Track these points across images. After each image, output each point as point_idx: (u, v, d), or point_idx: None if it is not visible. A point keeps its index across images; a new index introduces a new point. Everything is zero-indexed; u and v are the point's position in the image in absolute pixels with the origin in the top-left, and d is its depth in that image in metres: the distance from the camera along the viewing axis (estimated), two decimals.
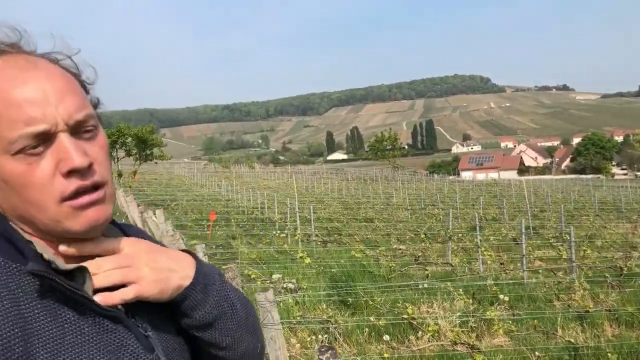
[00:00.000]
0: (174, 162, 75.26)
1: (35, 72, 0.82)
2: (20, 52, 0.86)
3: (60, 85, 0.84)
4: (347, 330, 6.45)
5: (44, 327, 0.79)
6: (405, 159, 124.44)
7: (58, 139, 0.81)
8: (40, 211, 0.82)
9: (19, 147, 0.79)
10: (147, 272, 0.90)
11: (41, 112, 0.80)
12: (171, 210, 19.19)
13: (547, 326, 6.91)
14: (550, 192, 30.50)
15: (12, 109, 0.79)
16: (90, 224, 0.84)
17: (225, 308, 0.99)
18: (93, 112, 0.87)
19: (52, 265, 0.81)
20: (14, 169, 0.80)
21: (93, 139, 0.87)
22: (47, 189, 0.81)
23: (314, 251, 12.13)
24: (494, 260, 10.67)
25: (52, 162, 0.81)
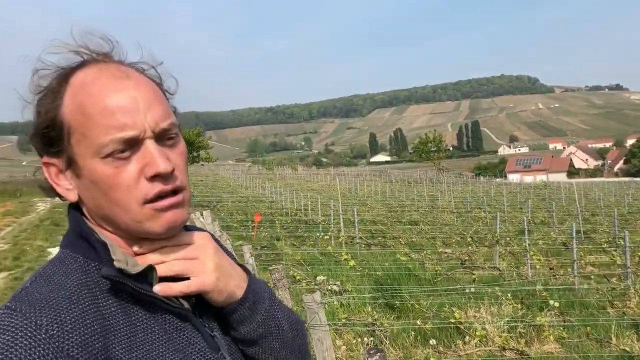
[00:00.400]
0: (219, 164, 76.52)
1: (128, 81, 0.87)
2: (112, 61, 0.91)
3: (149, 94, 0.88)
4: (392, 334, 6.41)
5: (119, 324, 0.83)
6: (450, 161, 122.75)
7: (144, 145, 0.86)
8: (124, 212, 0.87)
9: (108, 151, 0.84)
10: (212, 267, 0.94)
11: (131, 119, 0.84)
12: (217, 212, 19.52)
13: (601, 334, 6.68)
14: (602, 196, 29.44)
15: (106, 115, 0.84)
16: (170, 225, 0.88)
17: (271, 328, 1.01)
18: (176, 120, 0.92)
19: (124, 270, 0.85)
20: (103, 171, 0.85)
21: (175, 146, 0.91)
22: (132, 191, 0.85)
23: (358, 254, 12.11)
24: (543, 265, 10.39)
25: (138, 167, 0.85)
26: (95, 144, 0.84)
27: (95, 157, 0.85)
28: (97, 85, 0.86)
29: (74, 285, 0.83)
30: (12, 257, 12.35)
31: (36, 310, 0.77)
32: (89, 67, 0.88)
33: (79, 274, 0.85)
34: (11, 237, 15.97)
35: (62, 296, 0.80)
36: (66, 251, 0.90)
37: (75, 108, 0.85)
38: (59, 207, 25.81)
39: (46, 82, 0.89)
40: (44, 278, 0.84)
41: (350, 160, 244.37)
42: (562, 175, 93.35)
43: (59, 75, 0.88)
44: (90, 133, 0.84)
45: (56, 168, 0.90)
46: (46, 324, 0.75)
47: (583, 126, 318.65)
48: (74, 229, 0.92)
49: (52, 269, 0.86)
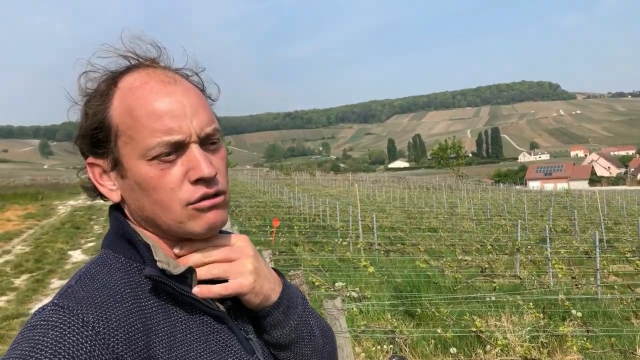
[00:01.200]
0: (237, 169, 76.96)
1: (175, 86, 0.89)
2: (159, 66, 0.93)
3: (195, 100, 0.91)
4: (412, 342, 6.35)
5: (160, 324, 0.85)
6: (469, 168, 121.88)
7: (190, 149, 0.88)
8: (166, 213, 0.89)
9: (155, 153, 0.86)
10: (250, 269, 0.95)
11: (178, 123, 0.87)
12: (235, 216, 19.58)
13: (625, 345, 6.55)
14: (625, 204, 29.00)
15: (154, 119, 0.86)
16: (210, 225, 0.90)
17: (303, 333, 1.02)
18: (219, 126, 0.94)
19: (166, 271, 0.87)
20: (148, 172, 0.87)
21: (217, 151, 0.93)
22: (176, 193, 0.87)
23: (377, 260, 12.05)
24: (565, 274, 10.22)
25: (183, 170, 0.88)
26: (142, 146, 0.86)
27: (141, 159, 0.87)
28: (145, 89, 0.88)
29: (118, 284, 0.85)
30: (33, 259, 12.51)
31: (83, 307, 0.78)
32: (138, 72, 0.91)
33: (121, 273, 0.87)
34: (33, 239, 16.19)
35: (107, 294, 0.82)
36: (108, 251, 0.92)
37: (124, 111, 0.88)
38: (79, 210, 26.16)
39: (95, 85, 0.91)
40: (89, 277, 0.86)
41: (368, 166, 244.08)
42: (584, 183, 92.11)
43: (107, 78, 0.91)
44: (138, 135, 0.86)
45: (100, 169, 0.93)
46: (93, 321, 0.77)
47: (605, 133, 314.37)
48: (115, 230, 0.94)
49: (95, 268, 0.88)
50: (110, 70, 0.91)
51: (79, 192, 44.48)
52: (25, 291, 9.55)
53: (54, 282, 10.38)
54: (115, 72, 0.91)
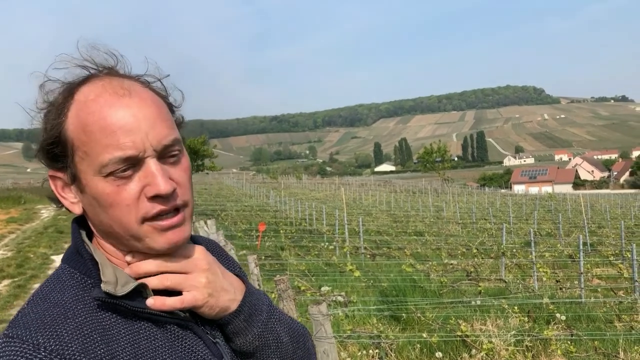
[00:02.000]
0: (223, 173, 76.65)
1: (130, 99, 0.86)
2: (117, 75, 0.91)
3: (152, 112, 0.88)
4: (398, 346, 6.34)
5: (121, 333, 0.84)
6: (455, 171, 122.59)
7: (146, 164, 0.86)
8: (124, 229, 0.87)
9: (109, 170, 0.84)
10: (204, 283, 0.93)
11: (132, 138, 0.84)
12: (221, 220, 19.49)
13: (608, 348, 6.60)
14: (608, 207, 29.30)
15: (106, 134, 0.84)
16: (170, 245, 0.89)
17: (269, 341, 1.00)
18: (179, 136, 0.91)
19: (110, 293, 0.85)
20: (104, 189, 0.85)
21: (177, 163, 0.91)
22: (132, 209, 0.85)
23: (363, 264, 12.05)
24: (550, 278, 10.31)
25: (139, 186, 0.86)
26: (97, 162, 0.84)
27: (97, 175, 0.85)
28: (99, 102, 0.85)
29: (70, 301, 0.84)
30: (15, 264, 12.32)
31: (32, 331, 0.78)
32: (94, 83, 0.88)
33: (75, 289, 0.86)
34: (15, 244, 15.96)
35: (57, 313, 0.81)
36: (65, 266, 0.92)
37: (78, 126, 0.85)
38: (62, 214, 25.87)
39: (52, 97, 0.89)
40: (40, 297, 0.86)
41: (354, 169, 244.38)
42: (568, 187, 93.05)
43: (64, 90, 0.89)
44: (92, 152, 0.84)
45: (62, 181, 0.91)
46: (43, 342, 0.76)
47: (589, 137, 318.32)
48: (73, 244, 0.93)
49: (48, 287, 0.88)
50: (67, 82, 0.89)
51: None
52: (6, 297, 9.40)
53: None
54: (72, 84, 0.88)
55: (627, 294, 9.40)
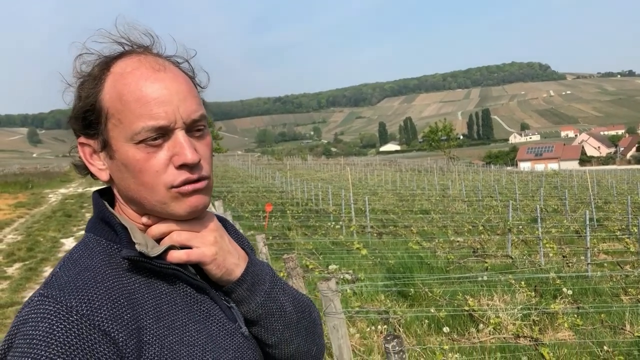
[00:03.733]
0: (229, 155, 76.69)
1: (165, 73, 0.93)
2: (152, 53, 0.97)
3: (183, 87, 0.94)
4: (406, 322, 6.42)
5: (145, 297, 0.90)
6: (460, 150, 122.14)
7: (175, 134, 0.92)
8: (151, 194, 0.93)
9: (141, 137, 0.90)
10: (212, 241, 0.99)
11: (164, 109, 0.90)
12: (228, 202, 19.57)
13: (614, 321, 6.66)
14: (614, 183, 29.21)
15: (141, 104, 0.90)
16: (192, 208, 0.95)
17: (272, 309, 1.05)
18: (206, 113, 0.98)
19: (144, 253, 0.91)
20: (135, 155, 0.91)
21: (202, 138, 0.97)
22: (161, 176, 0.92)
23: (370, 242, 12.11)
24: (556, 253, 10.34)
25: (168, 154, 0.92)
26: (130, 130, 0.90)
27: (129, 142, 0.91)
28: (135, 75, 0.91)
29: (99, 265, 0.90)
30: (25, 248, 12.47)
31: (65, 293, 0.83)
32: (130, 58, 0.94)
33: (102, 255, 0.92)
34: (24, 228, 16.13)
35: (88, 277, 0.87)
36: (90, 235, 0.97)
37: (114, 95, 0.91)
38: (70, 198, 26.05)
39: (89, 69, 0.95)
40: (71, 262, 0.91)
41: (359, 149, 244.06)
42: (574, 163, 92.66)
43: (101, 62, 0.94)
44: (126, 119, 0.90)
45: (91, 148, 0.97)
46: (76, 305, 0.82)
47: (595, 113, 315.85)
48: (97, 213, 0.99)
49: (78, 252, 0.94)
50: (104, 55, 0.94)
51: (69, 179, 44.03)
52: (18, 280, 9.54)
53: (47, 270, 10.37)
54: (109, 57, 0.94)
55: (634, 268, 9.44)
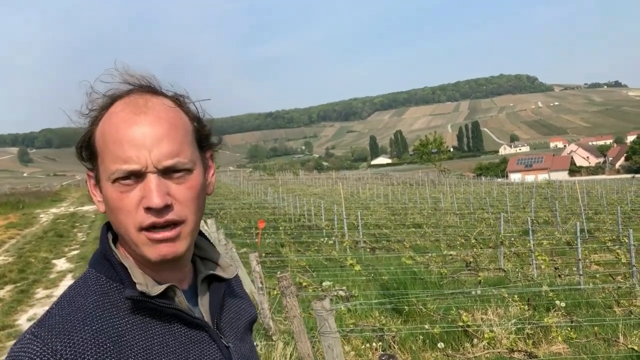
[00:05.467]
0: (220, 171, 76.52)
1: (145, 116, 0.94)
2: (150, 92, 0.99)
3: (161, 131, 0.94)
4: (400, 338, 6.42)
5: (135, 339, 0.92)
6: (451, 162, 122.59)
7: (147, 177, 0.93)
8: (127, 234, 0.96)
9: (114, 177, 0.93)
10: None
11: (136, 154, 0.92)
12: (220, 219, 19.52)
13: (608, 333, 6.68)
14: (604, 193, 29.44)
15: (117, 146, 0.93)
16: (161, 257, 0.95)
17: None
18: (188, 158, 0.97)
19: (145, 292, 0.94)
20: (111, 194, 0.95)
21: (184, 180, 0.96)
22: (132, 216, 0.94)
23: (363, 258, 12.12)
24: (548, 265, 10.39)
25: (139, 196, 0.93)
26: (107, 169, 0.94)
27: (108, 181, 0.94)
28: (119, 116, 0.95)
29: (91, 306, 0.92)
30: (17, 269, 12.35)
31: (53, 336, 0.87)
32: (126, 98, 0.97)
33: (97, 295, 0.95)
34: (15, 249, 15.98)
35: (78, 319, 0.90)
36: (91, 270, 1.00)
37: (101, 135, 0.96)
38: (61, 218, 25.86)
39: (94, 105, 0.99)
40: (67, 300, 0.95)
41: (351, 163, 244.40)
42: (564, 174, 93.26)
43: (103, 102, 0.98)
44: (105, 159, 0.94)
45: (93, 180, 1.01)
46: (61, 349, 0.85)
47: (583, 124, 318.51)
48: (100, 249, 1.02)
49: (75, 290, 0.97)
50: (108, 95, 0.98)
51: (60, 199, 43.57)
52: (10, 302, 9.44)
53: (39, 291, 10.27)
54: (114, 96, 0.98)
55: (625, 279, 9.49)
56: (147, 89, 0.99)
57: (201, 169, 1.00)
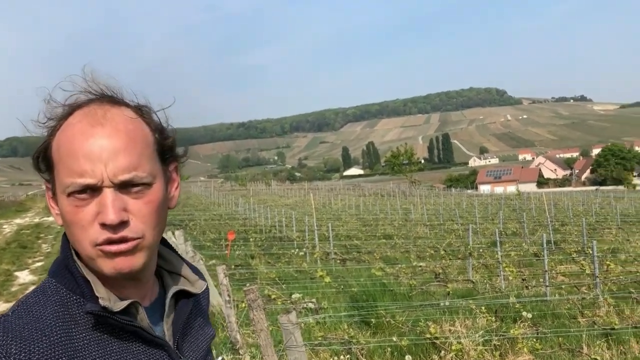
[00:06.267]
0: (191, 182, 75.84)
1: (102, 129, 0.90)
2: (111, 103, 0.95)
3: (118, 144, 0.90)
4: (369, 351, 6.40)
5: (92, 354, 0.89)
6: (422, 174, 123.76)
7: (103, 192, 0.89)
8: (81, 248, 0.92)
9: (69, 191, 0.89)
10: None
11: (91, 167, 0.88)
12: (189, 230, 19.29)
13: (573, 344, 6.79)
14: (571, 205, 30.07)
15: (72, 159, 0.89)
16: (116, 270, 0.92)
17: None
18: (147, 172, 0.93)
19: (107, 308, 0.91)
20: (66, 207, 0.91)
21: (142, 194, 0.93)
22: (87, 230, 0.90)
23: (333, 270, 12.09)
24: (516, 277, 10.52)
25: (94, 210, 0.90)
26: (62, 182, 0.91)
27: (63, 194, 0.91)
28: (75, 128, 0.91)
29: (50, 317, 0.88)
30: None
31: (8, 338, 0.83)
32: (84, 108, 0.93)
33: (57, 306, 0.91)
34: None
35: (36, 328, 0.86)
36: (51, 280, 0.96)
37: (57, 146, 0.92)
38: (25, 229, 25.21)
39: (53, 115, 0.95)
40: (24, 308, 0.90)
41: (323, 174, 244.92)
42: (532, 186, 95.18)
43: (62, 112, 0.94)
44: (61, 171, 0.91)
45: (51, 192, 0.97)
46: (15, 353, 0.81)
47: (551, 137, 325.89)
48: (62, 259, 0.98)
49: (33, 298, 0.92)
50: (69, 104, 0.94)
51: (25, 209, 42.58)
52: None
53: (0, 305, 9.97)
54: (72, 106, 0.94)
55: (590, 290, 9.67)
56: (108, 99, 0.95)
57: (162, 182, 0.97)
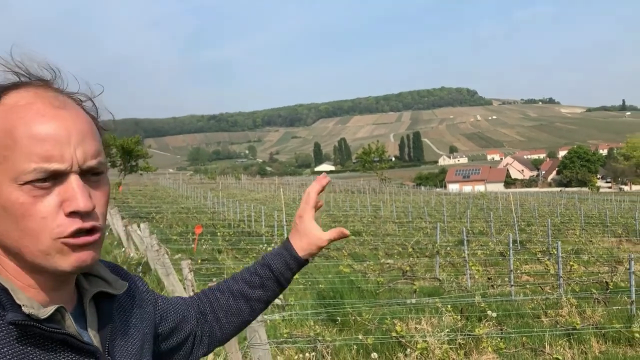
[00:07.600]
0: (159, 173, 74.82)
1: (65, 111, 0.84)
2: (51, 88, 0.87)
3: (84, 128, 0.85)
4: (335, 348, 6.36)
5: None
6: (392, 171, 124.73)
7: (69, 179, 0.82)
8: (34, 243, 0.82)
9: (29, 178, 0.80)
10: None
11: (60, 151, 0.81)
12: (156, 223, 19.00)
13: (536, 343, 6.88)
14: (536, 205, 30.63)
15: (35, 142, 0.80)
16: (79, 263, 0.85)
17: None
18: (105, 159, 0.89)
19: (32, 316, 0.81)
20: (19, 197, 0.80)
21: (99, 184, 0.88)
22: (47, 223, 0.81)
23: None
24: (482, 275, 10.64)
25: (58, 200, 0.82)
26: (17, 169, 0.80)
27: (13, 183, 0.80)
28: (32, 109, 0.82)
29: None
30: None
31: None
32: (26, 90, 0.84)
33: None
34: None
35: None
36: None
37: (2, 129, 0.81)
38: None
39: None
40: None
41: (295, 169, 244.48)
42: (500, 185, 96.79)
43: None
44: (14, 157, 0.79)
45: None
46: None
47: (519, 138, 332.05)
48: None
49: None
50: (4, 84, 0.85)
51: None
52: None
53: None
54: (1, 87, 0.84)
55: (553, 290, 9.84)
56: (44, 84, 0.87)
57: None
